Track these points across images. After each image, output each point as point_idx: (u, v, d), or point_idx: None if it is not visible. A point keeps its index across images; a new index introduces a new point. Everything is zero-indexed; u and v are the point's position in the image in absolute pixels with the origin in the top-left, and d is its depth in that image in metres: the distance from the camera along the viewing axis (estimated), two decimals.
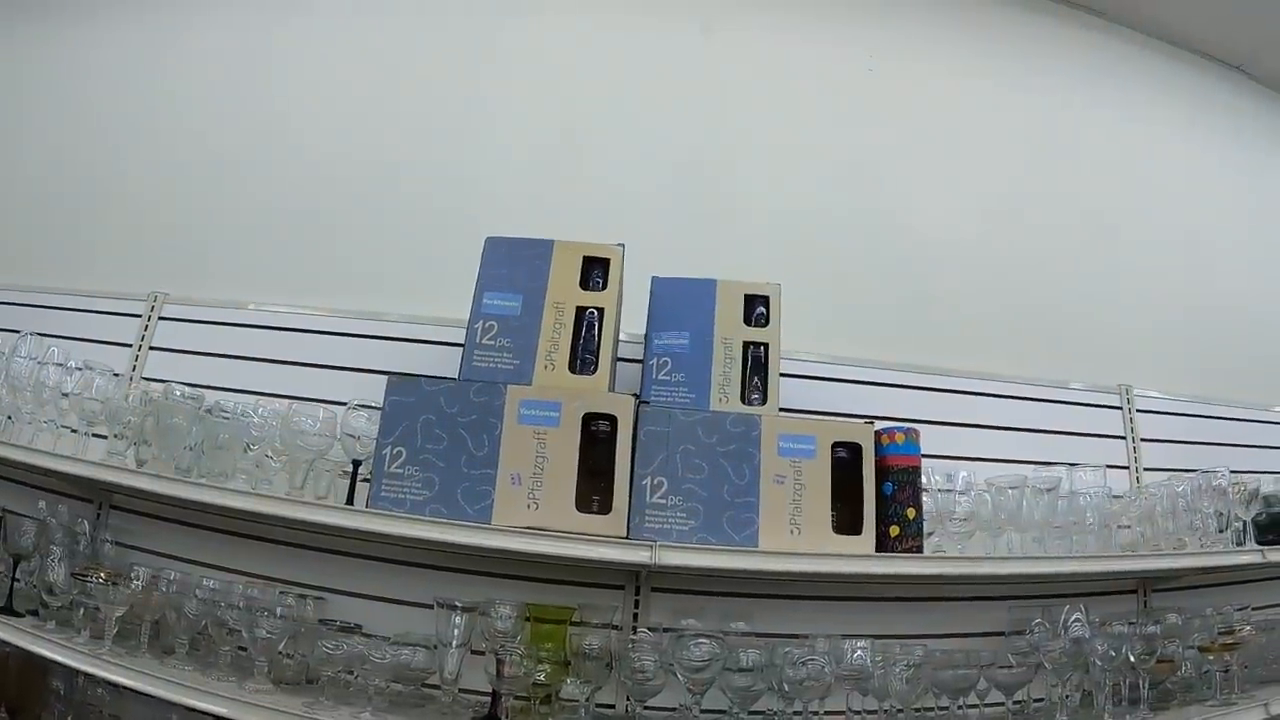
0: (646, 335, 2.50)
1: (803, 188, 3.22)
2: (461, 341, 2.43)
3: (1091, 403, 3.09)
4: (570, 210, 3.05)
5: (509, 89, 3.43)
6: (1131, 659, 2.47)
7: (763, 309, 2.52)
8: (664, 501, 2.27)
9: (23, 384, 2.77)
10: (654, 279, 2.54)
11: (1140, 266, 3.43)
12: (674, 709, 2.43)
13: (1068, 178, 3.42)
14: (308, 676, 2.48)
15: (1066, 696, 2.52)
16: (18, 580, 2.78)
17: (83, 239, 3.39)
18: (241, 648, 2.41)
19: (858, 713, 2.44)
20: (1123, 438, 3.09)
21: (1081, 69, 3.70)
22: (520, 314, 2.37)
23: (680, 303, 2.50)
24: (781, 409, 2.45)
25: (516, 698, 2.34)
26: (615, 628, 2.53)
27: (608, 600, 2.59)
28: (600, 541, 2.19)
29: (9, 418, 2.80)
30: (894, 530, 2.37)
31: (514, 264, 2.43)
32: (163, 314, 3.09)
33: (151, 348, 3.04)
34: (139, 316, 3.09)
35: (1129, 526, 2.81)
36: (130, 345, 3.05)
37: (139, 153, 3.49)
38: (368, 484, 2.34)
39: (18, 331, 2.85)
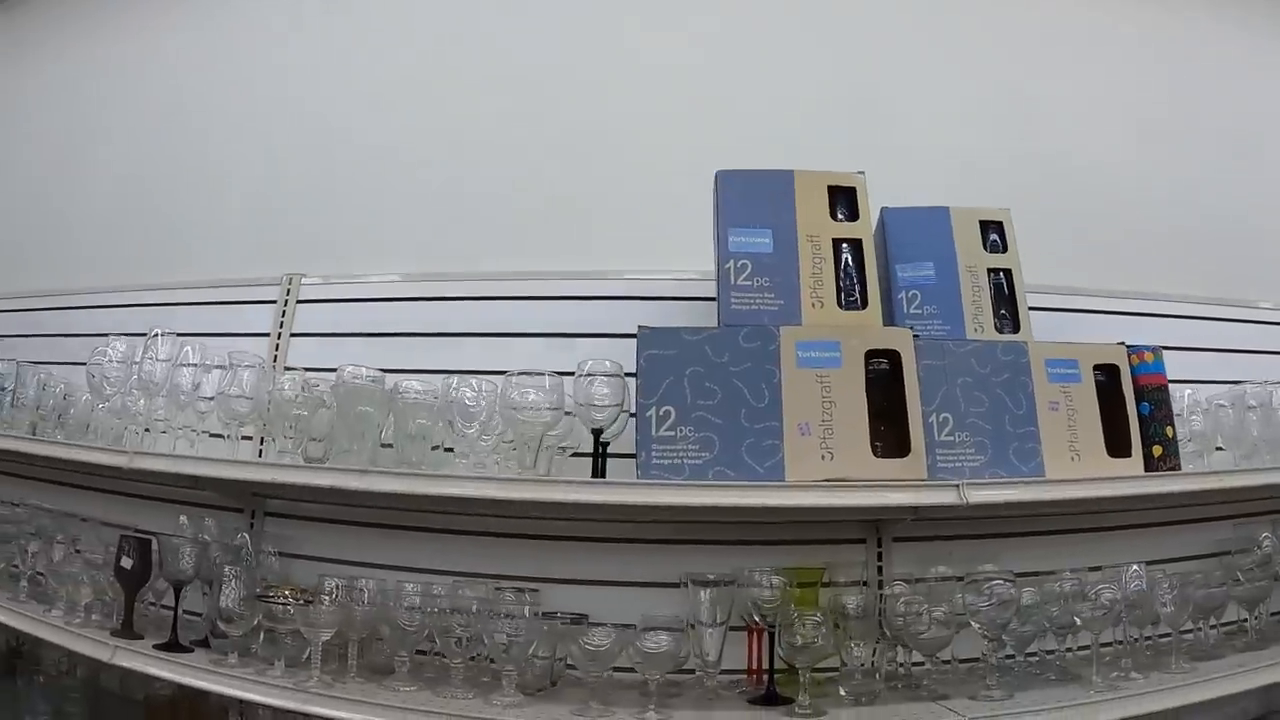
0: (887, 269, 2.11)
1: (961, 120, 2.81)
2: (634, 295, 2.21)
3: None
4: (727, 145, 2.58)
5: (652, 24, 2.95)
6: None
7: (996, 235, 2.15)
8: (952, 438, 1.88)
9: (157, 388, 2.22)
10: (884, 210, 2.14)
11: None
12: (948, 662, 2.05)
13: (1221, 94, 3.10)
14: (551, 679, 2.01)
15: None
16: (164, 607, 2.25)
17: (203, 228, 2.86)
18: (473, 657, 1.94)
19: (1120, 642, 2.10)
20: None
21: None
22: (773, 250, 1.94)
23: (916, 233, 2.12)
24: None
25: (789, 668, 1.91)
26: (863, 584, 2.13)
27: (842, 556, 2.17)
28: (901, 487, 1.78)
29: (145, 429, 2.25)
30: (1157, 450, 2.03)
31: (754, 199, 2.00)
32: (300, 296, 2.54)
33: (293, 334, 2.49)
34: (273, 303, 2.54)
35: None
36: (268, 334, 2.50)
37: (251, 133, 3.00)
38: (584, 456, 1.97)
39: (143, 334, 2.30)
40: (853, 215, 2.02)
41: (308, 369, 2.25)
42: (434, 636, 1.91)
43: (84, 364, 2.39)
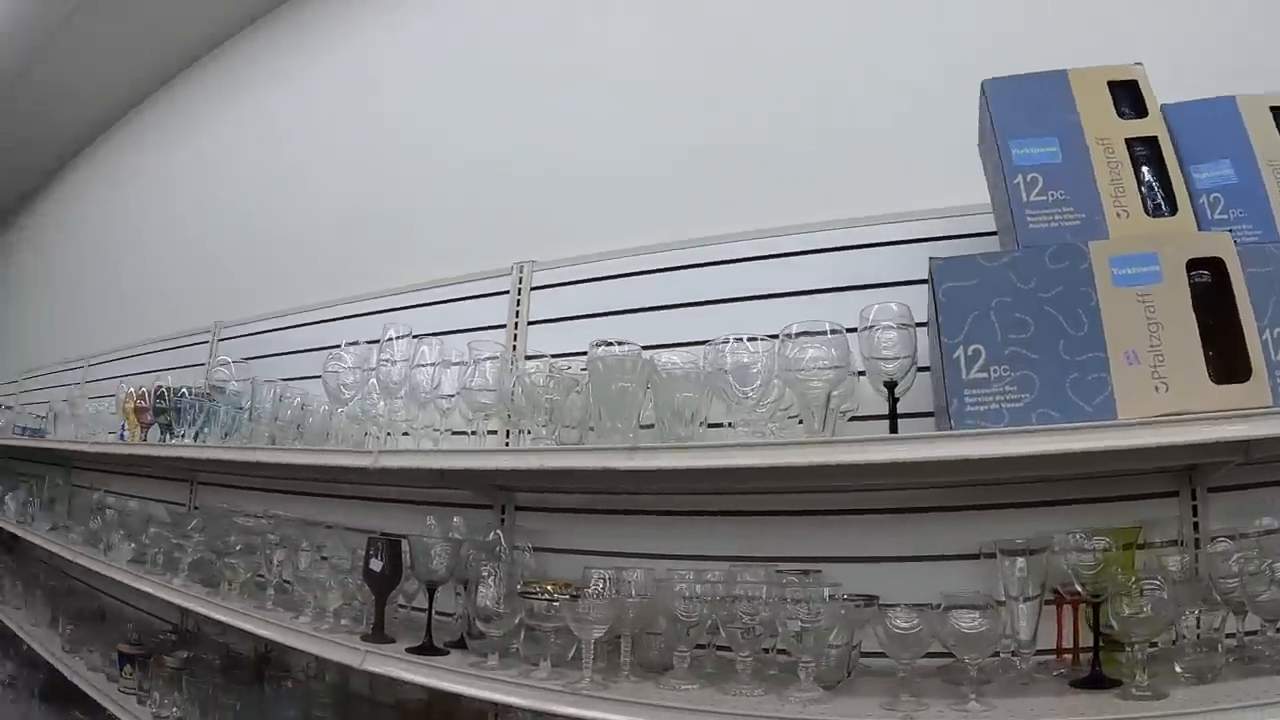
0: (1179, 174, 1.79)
1: None
2: (874, 241, 1.95)
3: None
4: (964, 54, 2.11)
5: None
6: None
7: None
8: None
9: (396, 388, 2.09)
10: (1164, 107, 1.82)
11: None
12: None
13: None
14: (848, 668, 1.76)
15: None
16: (416, 609, 2.12)
17: (426, 231, 2.78)
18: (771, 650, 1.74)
19: None
20: None
21: None
22: (1063, 159, 1.66)
23: (1204, 130, 1.75)
24: None
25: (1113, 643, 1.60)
26: (1178, 543, 1.80)
27: (1152, 512, 1.85)
28: (1243, 417, 1.45)
29: (388, 433, 2.13)
30: None
31: (1029, 105, 1.72)
32: (534, 283, 2.39)
33: (530, 322, 2.33)
34: (506, 293, 2.39)
35: None
36: (504, 325, 2.36)
37: (465, 132, 2.93)
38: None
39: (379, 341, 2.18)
40: (1139, 112, 1.71)
41: (552, 356, 2.07)
42: (718, 627, 1.69)
43: (320, 377, 2.30)
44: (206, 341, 3.82)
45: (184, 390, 2.92)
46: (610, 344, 1.84)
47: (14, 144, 7.14)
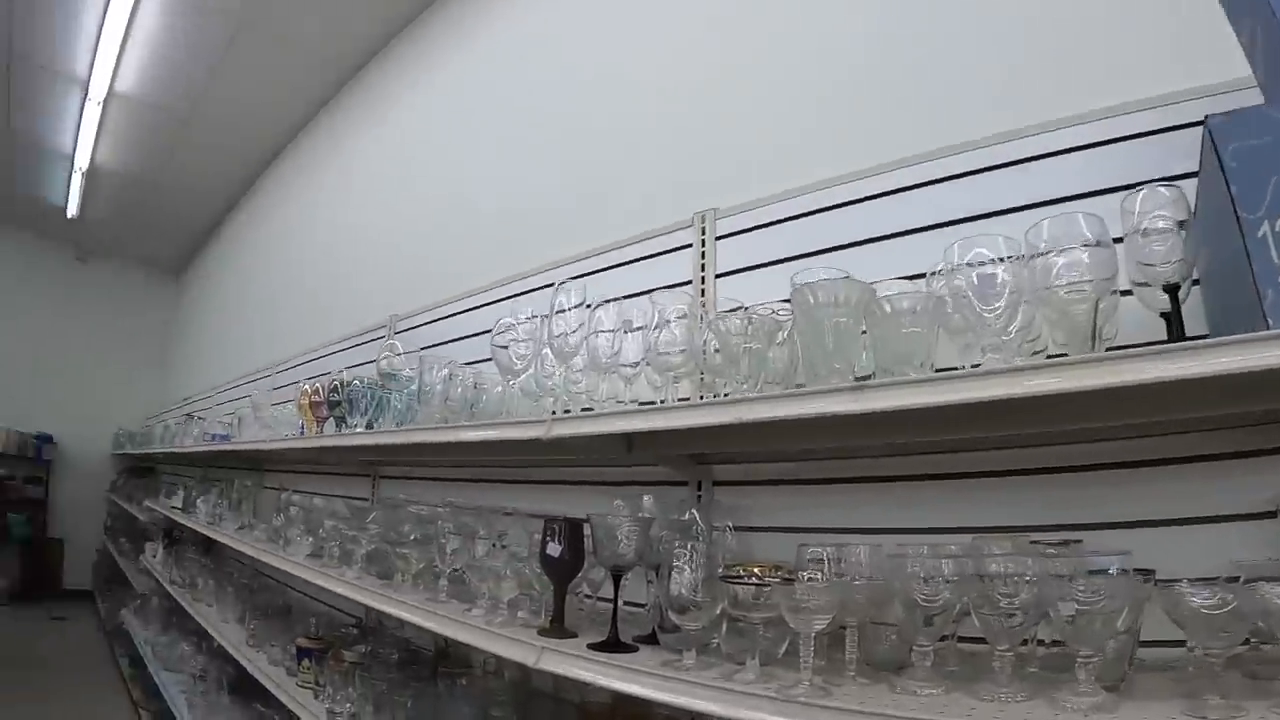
0: None
1: None
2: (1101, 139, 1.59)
3: None
4: None
5: None
6: None
7: None
8: None
9: (572, 351, 1.87)
10: None
11: None
12: None
13: None
14: (1129, 661, 1.38)
15: None
16: (601, 599, 1.87)
17: (597, 195, 2.61)
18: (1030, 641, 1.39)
19: None
20: None
21: None
22: None
23: None
24: None
25: None
26: None
27: None
28: None
29: (566, 410, 1.89)
30: None
31: None
32: (718, 233, 2.13)
33: (717, 275, 2.07)
34: (689, 247, 2.15)
35: None
36: (689, 281, 2.12)
37: (639, 85, 2.75)
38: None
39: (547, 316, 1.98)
40: None
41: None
42: (966, 613, 1.35)
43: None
44: (384, 336, 3.81)
45: (355, 381, 2.83)
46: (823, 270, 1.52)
47: (194, 179, 7.54)
